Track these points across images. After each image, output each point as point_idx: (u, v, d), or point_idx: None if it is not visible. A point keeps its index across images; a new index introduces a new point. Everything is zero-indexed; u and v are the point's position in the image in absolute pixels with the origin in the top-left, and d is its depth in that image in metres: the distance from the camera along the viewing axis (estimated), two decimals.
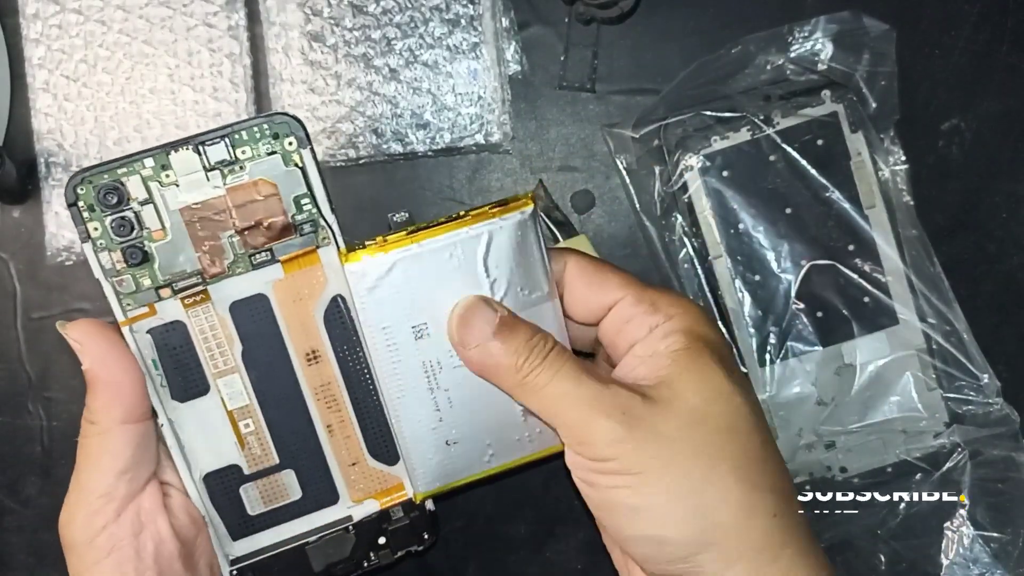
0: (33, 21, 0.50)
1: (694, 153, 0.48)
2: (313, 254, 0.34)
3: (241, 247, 0.33)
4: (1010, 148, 0.50)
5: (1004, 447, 0.47)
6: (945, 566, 0.47)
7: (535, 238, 0.36)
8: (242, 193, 0.32)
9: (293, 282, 0.34)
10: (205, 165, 0.32)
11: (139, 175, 0.31)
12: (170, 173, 0.31)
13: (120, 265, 0.31)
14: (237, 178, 0.32)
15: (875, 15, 0.48)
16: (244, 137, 0.32)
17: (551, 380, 0.31)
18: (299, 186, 0.33)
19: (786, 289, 0.48)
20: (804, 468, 0.48)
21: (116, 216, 0.31)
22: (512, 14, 0.51)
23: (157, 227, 0.31)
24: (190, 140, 0.32)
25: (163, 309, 0.32)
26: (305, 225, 0.33)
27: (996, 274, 0.50)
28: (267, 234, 0.33)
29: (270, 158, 0.32)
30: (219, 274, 0.32)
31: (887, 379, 0.47)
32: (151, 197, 0.31)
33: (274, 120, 0.32)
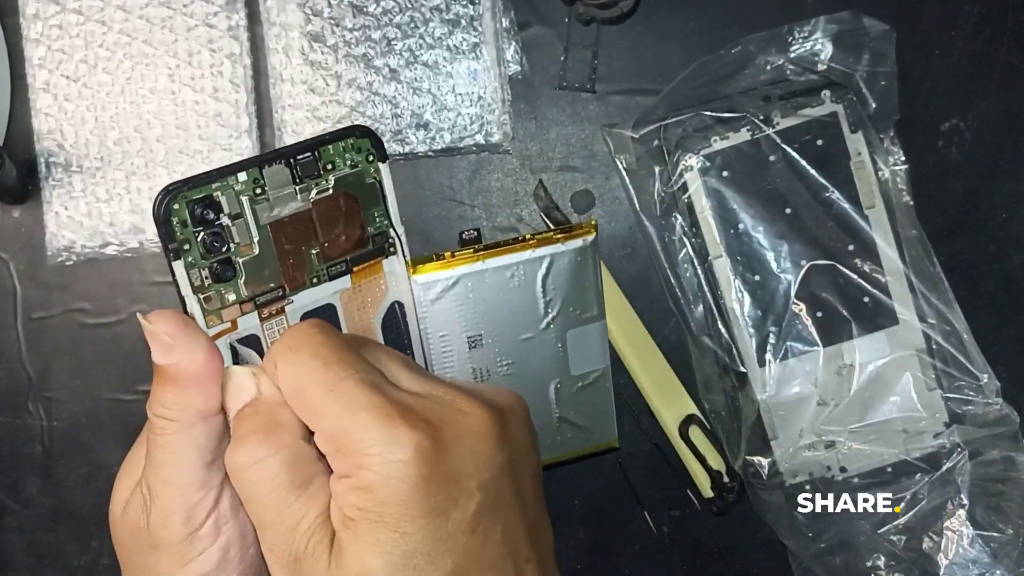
0: (33, 21, 0.50)
1: (694, 153, 0.48)
2: (378, 264, 0.34)
3: (320, 260, 0.33)
4: (1010, 148, 0.50)
5: (1004, 447, 0.47)
6: (945, 566, 0.47)
7: (592, 263, 0.39)
8: (326, 206, 0.32)
9: (359, 291, 0.34)
10: (295, 178, 0.31)
11: (232, 190, 0.31)
12: (262, 188, 0.31)
13: (208, 281, 0.31)
14: (322, 192, 0.32)
15: (875, 15, 0.48)
16: (331, 151, 0.32)
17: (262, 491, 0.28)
18: (375, 199, 0.33)
19: (786, 289, 0.48)
20: (804, 468, 0.48)
21: (210, 232, 0.30)
22: (512, 14, 0.51)
23: (246, 242, 0.31)
24: (282, 153, 0.31)
25: (243, 323, 0.32)
26: (377, 236, 0.34)
27: (996, 274, 0.50)
28: (345, 246, 0.33)
29: (352, 171, 0.33)
30: (299, 286, 0.32)
31: (887, 379, 0.47)
32: (243, 212, 0.31)
33: (357, 134, 0.32)
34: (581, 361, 0.42)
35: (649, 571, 0.52)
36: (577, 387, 0.42)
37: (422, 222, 0.51)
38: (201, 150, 0.51)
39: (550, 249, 0.38)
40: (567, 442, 0.42)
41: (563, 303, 0.40)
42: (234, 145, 0.50)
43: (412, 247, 0.51)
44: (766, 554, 0.51)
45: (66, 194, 0.50)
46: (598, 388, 0.43)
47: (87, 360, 0.51)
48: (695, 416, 0.50)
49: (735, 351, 0.48)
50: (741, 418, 0.48)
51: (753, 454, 0.48)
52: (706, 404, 0.50)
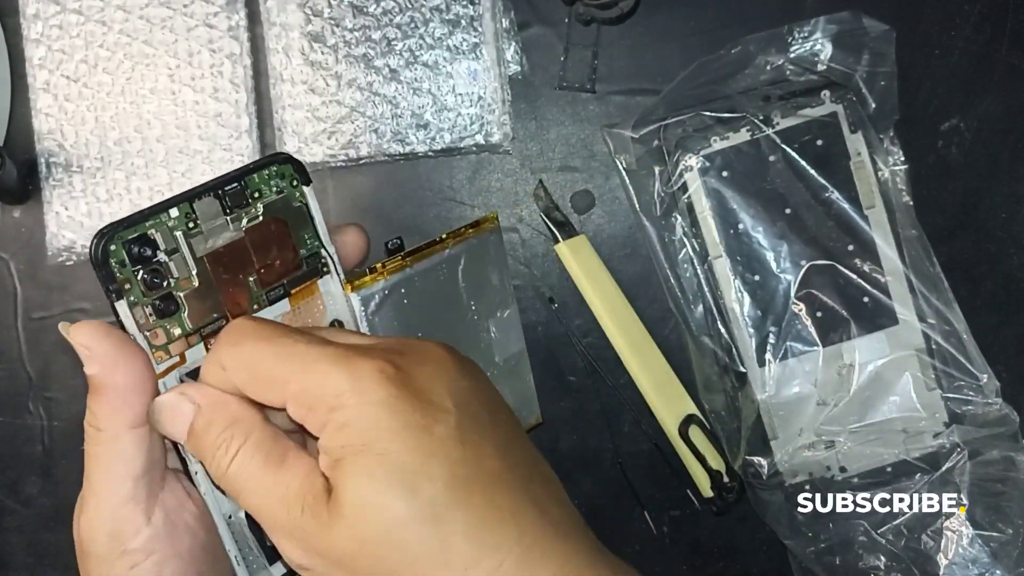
0: (34, 21, 0.50)
1: (694, 153, 0.48)
2: (313, 284, 0.35)
3: (258, 286, 0.33)
4: (1010, 148, 0.50)
5: (1003, 447, 0.47)
6: (945, 566, 0.47)
7: (497, 249, 0.41)
8: (259, 233, 0.33)
9: (298, 313, 0.35)
10: (226, 209, 0.32)
11: (166, 226, 0.31)
12: (194, 221, 0.32)
13: (152, 319, 0.31)
14: (252, 220, 0.33)
15: (875, 15, 0.48)
16: (256, 180, 0.33)
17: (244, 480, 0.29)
18: (303, 222, 0.34)
19: (786, 289, 0.48)
20: (804, 468, 0.48)
21: (148, 269, 0.31)
22: (512, 14, 0.51)
23: (185, 276, 0.31)
24: (210, 187, 0.32)
25: (191, 355, 0.32)
26: (310, 258, 0.34)
27: (996, 274, 0.50)
28: (280, 270, 0.34)
29: (279, 197, 0.33)
30: (240, 313, 0.33)
31: (887, 379, 0.47)
32: (179, 247, 0.31)
33: (278, 162, 0.33)
34: (504, 346, 0.44)
35: (649, 571, 0.52)
36: (505, 372, 0.44)
37: (422, 222, 0.51)
38: (201, 150, 0.51)
39: (464, 245, 0.40)
40: None
41: (479, 292, 0.42)
42: (234, 145, 0.50)
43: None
44: (766, 554, 0.51)
45: (66, 194, 0.50)
46: (520, 370, 0.44)
47: None
48: (695, 416, 0.50)
49: (735, 351, 0.48)
50: (741, 418, 0.48)
51: (753, 454, 0.48)
52: (706, 404, 0.50)
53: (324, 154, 0.50)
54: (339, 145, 0.50)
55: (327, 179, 0.52)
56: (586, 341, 0.51)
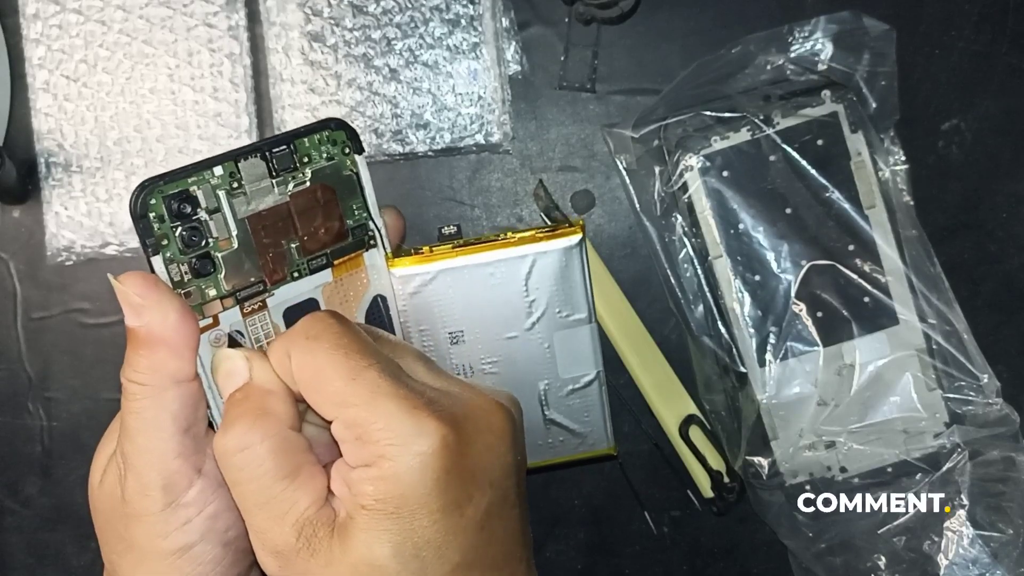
0: (33, 21, 0.50)
1: (694, 153, 0.48)
2: (359, 257, 0.34)
3: (301, 253, 0.32)
4: (1010, 148, 0.50)
5: (1004, 447, 0.47)
6: (945, 566, 0.47)
7: (580, 264, 0.38)
8: (304, 199, 0.32)
9: (340, 285, 0.34)
10: (272, 171, 0.31)
11: (209, 184, 0.30)
12: (238, 181, 0.31)
13: (188, 276, 0.30)
14: (299, 185, 0.32)
15: (875, 15, 0.48)
16: (306, 144, 0.32)
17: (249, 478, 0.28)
18: (353, 191, 0.33)
19: (786, 289, 0.48)
20: (804, 468, 0.48)
21: (187, 226, 0.30)
22: (512, 14, 0.51)
23: (225, 236, 0.31)
24: (258, 147, 0.31)
25: (225, 319, 0.31)
26: (357, 229, 0.33)
27: (996, 274, 0.50)
28: (324, 239, 0.33)
29: (329, 164, 0.32)
30: (280, 280, 0.32)
31: (887, 379, 0.47)
32: (220, 206, 0.31)
33: (331, 126, 0.33)
34: (570, 364, 0.41)
35: (649, 571, 0.52)
36: (567, 390, 0.41)
37: (422, 222, 0.51)
38: (201, 150, 0.50)
39: (532, 248, 0.38)
40: (558, 446, 0.42)
41: (548, 304, 0.39)
42: (234, 145, 0.50)
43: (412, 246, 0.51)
44: (766, 554, 0.51)
45: (66, 194, 0.50)
46: (590, 393, 0.42)
47: (87, 360, 0.51)
48: (695, 416, 0.50)
49: (735, 351, 0.48)
50: (741, 418, 0.48)
51: (753, 454, 0.48)
52: (706, 404, 0.50)
53: None
54: None
55: None
56: None
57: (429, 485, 0.26)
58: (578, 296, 0.39)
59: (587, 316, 0.39)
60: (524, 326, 0.40)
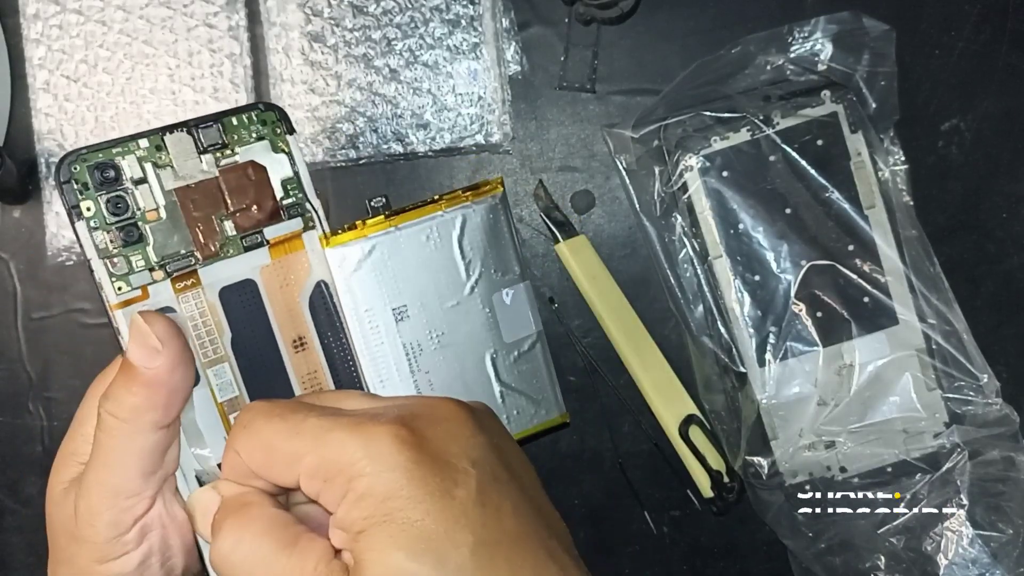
0: (34, 21, 0.50)
1: (694, 153, 0.48)
2: (298, 239, 0.34)
3: (233, 229, 0.33)
4: (1010, 148, 0.50)
5: (1004, 447, 0.47)
6: (945, 566, 0.47)
7: (505, 221, 0.39)
8: (234, 175, 0.33)
9: (279, 267, 0.34)
10: (199, 147, 0.32)
11: (134, 155, 0.31)
12: (164, 154, 0.32)
13: (114, 246, 0.31)
14: (229, 160, 0.33)
15: (875, 15, 0.48)
16: (235, 123, 0.33)
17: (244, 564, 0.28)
18: (286, 171, 0.33)
19: (786, 289, 0.48)
20: (804, 468, 0.48)
21: (112, 194, 0.31)
22: (512, 14, 0.51)
23: (152, 207, 0.31)
24: (184, 124, 0.32)
25: (155, 292, 0.32)
26: (292, 209, 0.34)
27: (996, 274, 0.50)
28: (258, 216, 0.33)
29: (259, 143, 0.33)
30: (212, 256, 0.32)
31: (887, 379, 0.47)
32: (146, 177, 0.32)
33: (261, 108, 0.33)
34: (512, 327, 0.41)
35: (649, 571, 0.52)
36: (513, 356, 0.41)
37: None
38: None
39: (460, 208, 0.38)
40: (515, 419, 0.41)
41: (483, 264, 0.39)
42: None
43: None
44: (766, 554, 0.51)
45: None
46: (534, 356, 0.41)
47: (87, 360, 0.51)
48: (695, 416, 0.50)
49: (735, 351, 0.48)
50: (741, 418, 0.48)
51: (753, 454, 0.48)
52: (706, 404, 0.50)
53: (324, 154, 0.50)
54: (339, 145, 0.50)
55: (327, 179, 0.52)
56: (586, 341, 0.51)
57: (404, 480, 0.26)
58: (508, 253, 0.39)
59: (520, 273, 0.40)
60: (464, 292, 0.39)
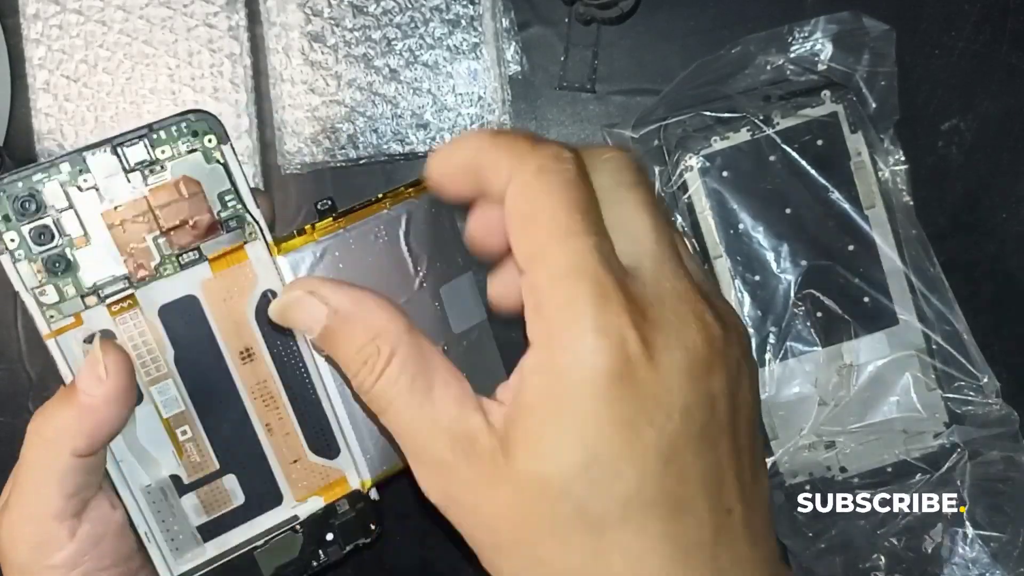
0: (33, 21, 0.50)
1: (694, 153, 0.48)
2: (241, 251, 0.33)
3: (167, 247, 0.32)
4: (1010, 148, 0.50)
5: (1004, 447, 0.47)
6: (945, 566, 0.47)
7: (447, 213, 0.38)
8: (165, 193, 0.31)
9: (222, 281, 0.33)
10: (125, 167, 0.31)
11: (56, 181, 0.30)
12: (88, 177, 0.30)
13: (41, 276, 0.30)
14: (159, 178, 0.31)
15: (875, 15, 0.48)
16: (163, 136, 0.31)
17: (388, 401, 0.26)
18: (222, 183, 0.32)
19: (786, 289, 0.48)
20: (804, 468, 0.48)
21: (35, 224, 0.30)
22: (512, 14, 0.51)
23: (79, 233, 0.30)
24: (106, 142, 0.30)
25: (89, 318, 0.31)
26: (231, 221, 0.32)
27: (996, 274, 0.50)
28: (193, 233, 0.32)
29: (191, 156, 0.31)
30: (146, 277, 0.31)
31: (887, 379, 0.47)
32: (71, 203, 0.30)
33: (190, 118, 0.31)
34: (460, 318, 0.40)
35: None
36: (463, 346, 0.40)
37: None
38: None
39: (405, 205, 0.37)
40: None
41: (429, 259, 0.38)
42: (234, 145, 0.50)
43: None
44: None
45: None
46: (482, 344, 0.41)
47: None
48: None
49: None
50: None
51: None
52: None
53: (324, 154, 0.50)
54: (339, 145, 0.50)
55: (327, 179, 0.52)
56: None
57: (599, 391, 0.22)
58: (451, 245, 0.39)
59: (463, 264, 0.39)
60: (414, 286, 0.39)
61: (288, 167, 0.51)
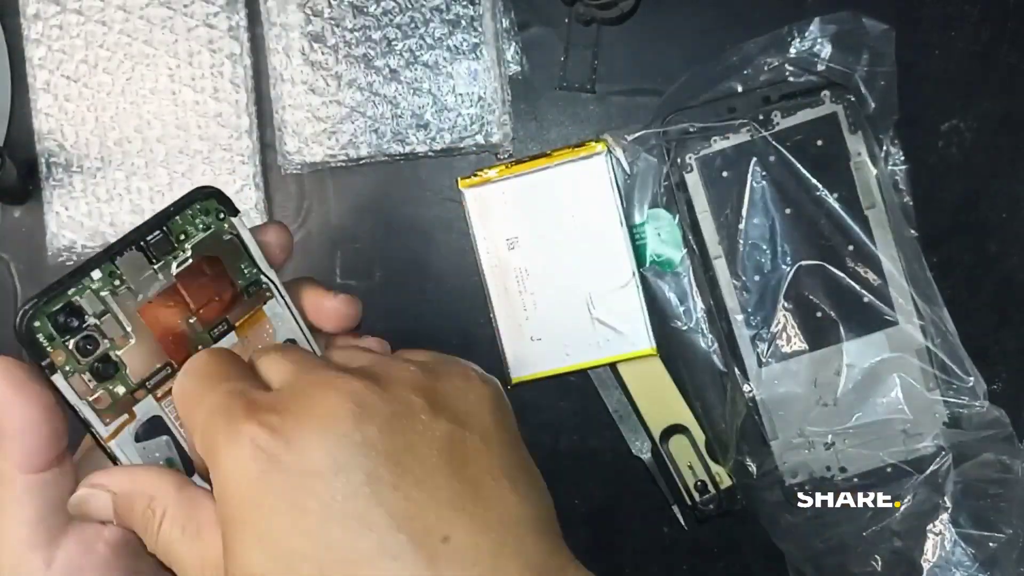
0: (34, 22, 0.50)
1: (694, 153, 0.48)
2: (259, 312, 0.34)
3: (200, 327, 0.32)
4: (1010, 148, 0.50)
5: (999, 450, 0.47)
6: (942, 568, 0.47)
7: (606, 173, 0.47)
8: (190, 276, 0.32)
9: (248, 342, 0.34)
10: (151, 259, 0.31)
11: (90, 289, 0.30)
12: (120, 279, 0.31)
13: (92, 383, 0.30)
14: (182, 263, 0.32)
15: (875, 15, 0.48)
16: (180, 222, 0.32)
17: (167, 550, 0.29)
18: (238, 253, 0.33)
19: (784, 290, 0.48)
20: (803, 468, 0.48)
21: (80, 337, 0.30)
22: (512, 15, 0.51)
23: (120, 334, 0.31)
24: (131, 240, 0.31)
25: (141, 410, 0.31)
26: (250, 287, 0.33)
27: (996, 274, 0.50)
28: (220, 307, 0.33)
29: (208, 233, 0.32)
30: (186, 358, 0.32)
31: (885, 380, 0.47)
32: (107, 307, 0.30)
33: (200, 197, 0.32)
34: (609, 267, 0.47)
35: (649, 571, 0.52)
36: (609, 291, 0.47)
37: (423, 222, 0.52)
38: (201, 150, 0.51)
39: (567, 162, 0.47)
40: (604, 345, 0.48)
41: (585, 211, 0.47)
42: (234, 145, 0.51)
43: (413, 247, 0.51)
44: (766, 554, 0.51)
45: (66, 194, 0.51)
46: (629, 294, 0.47)
47: None
48: (679, 426, 0.50)
49: (732, 351, 0.48)
50: (738, 418, 0.48)
51: (750, 454, 0.48)
52: (702, 405, 0.50)
53: (324, 154, 0.50)
54: (339, 145, 0.50)
55: (327, 179, 0.52)
56: None
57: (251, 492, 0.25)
58: (608, 203, 0.47)
59: (618, 220, 0.47)
60: (567, 231, 0.48)
61: (288, 167, 0.51)
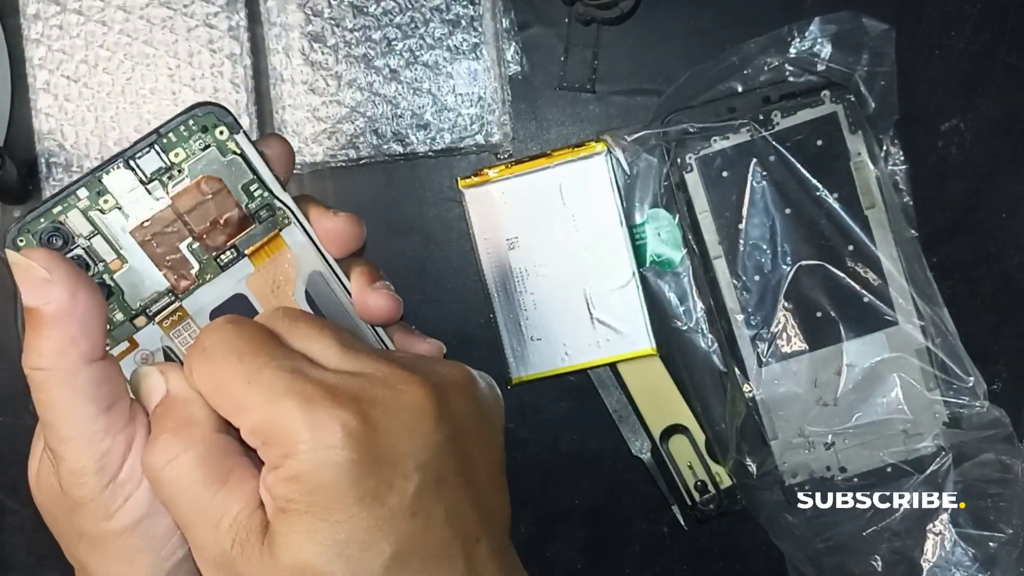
0: (34, 22, 0.50)
1: (694, 153, 0.48)
2: (278, 239, 0.32)
3: (204, 252, 0.30)
4: (1010, 148, 0.50)
5: (999, 449, 0.47)
6: (942, 567, 0.47)
7: (606, 173, 0.47)
8: (188, 197, 0.30)
9: (266, 273, 0.32)
10: (142, 179, 0.30)
11: (76, 209, 0.29)
12: (108, 198, 0.29)
13: None
14: (178, 183, 0.30)
15: (875, 15, 0.48)
16: (173, 139, 0.30)
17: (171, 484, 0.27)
18: (244, 174, 0.30)
19: (784, 289, 0.48)
20: (803, 468, 0.48)
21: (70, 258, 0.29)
22: (512, 15, 0.51)
23: (113, 257, 0.29)
24: (118, 157, 0.29)
25: (143, 339, 0.30)
26: (261, 211, 0.31)
27: (996, 274, 0.50)
28: (226, 231, 0.30)
29: (206, 153, 0.30)
30: (189, 286, 0.30)
31: (885, 380, 0.47)
32: (96, 228, 0.29)
33: (197, 113, 0.30)
34: (608, 266, 0.47)
35: (649, 571, 0.52)
36: (609, 291, 0.47)
37: (423, 222, 0.52)
38: None
39: (567, 162, 0.47)
40: (605, 345, 0.48)
41: (585, 211, 0.47)
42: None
43: (413, 247, 0.51)
44: (766, 554, 0.51)
45: None
46: (629, 294, 0.47)
47: None
48: (679, 426, 0.50)
49: (732, 351, 0.48)
50: (740, 418, 0.48)
51: (750, 454, 0.48)
52: (701, 405, 0.50)
53: (324, 154, 0.50)
54: (339, 145, 0.50)
55: (327, 179, 0.52)
56: None
57: (337, 479, 0.24)
58: (608, 203, 0.47)
59: (618, 220, 0.47)
60: (567, 231, 0.48)
61: None
